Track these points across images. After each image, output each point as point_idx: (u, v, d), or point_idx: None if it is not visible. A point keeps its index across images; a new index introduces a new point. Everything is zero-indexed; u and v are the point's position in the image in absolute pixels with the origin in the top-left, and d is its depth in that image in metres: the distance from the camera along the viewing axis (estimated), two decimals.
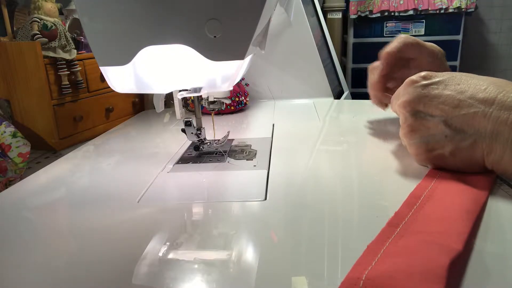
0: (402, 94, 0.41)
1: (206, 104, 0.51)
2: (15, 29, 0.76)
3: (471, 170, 0.39)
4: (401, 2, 1.99)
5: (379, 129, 0.60)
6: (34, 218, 0.38)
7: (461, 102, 0.36)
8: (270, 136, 0.60)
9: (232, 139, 0.58)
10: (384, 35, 2.10)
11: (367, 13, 2.05)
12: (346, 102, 0.88)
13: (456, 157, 0.38)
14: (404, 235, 0.29)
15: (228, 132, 0.55)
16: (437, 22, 2.04)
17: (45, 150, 0.68)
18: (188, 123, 0.48)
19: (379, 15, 2.04)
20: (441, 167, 0.41)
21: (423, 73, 0.40)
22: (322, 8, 2.05)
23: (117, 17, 0.36)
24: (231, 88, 0.43)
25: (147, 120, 0.78)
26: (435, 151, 0.40)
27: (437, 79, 0.39)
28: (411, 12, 2.00)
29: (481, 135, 0.36)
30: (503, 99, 0.35)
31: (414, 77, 0.41)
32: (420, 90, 0.39)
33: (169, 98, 0.73)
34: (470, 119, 0.36)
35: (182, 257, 0.29)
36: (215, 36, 0.36)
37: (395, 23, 2.08)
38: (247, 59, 0.42)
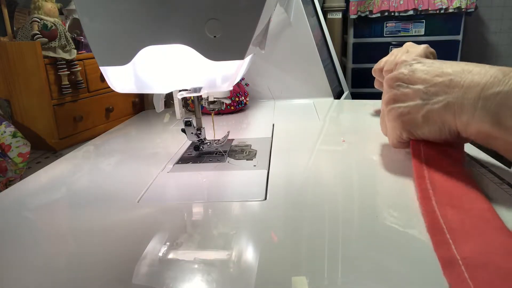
0: (392, 71, 0.46)
1: (206, 104, 0.51)
2: (15, 29, 0.76)
3: (443, 137, 0.42)
4: (401, 2, 1.99)
5: (379, 129, 0.60)
6: (34, 218, 0.38)
7: (443, 72, 0.40)
8: (270, 136, 0.60)
9: (232, 139, 0.58)
10: (384, 35, 2.10)
11: (367, 13, 2.05)
12: (346, 102, 0.88)
13: (429, 121, 0.41)
14: (446, 208, 0.32)
15: (228, 132, 0.55)
16: (437, 22, 2.03)
17: (45, 150, 0.68)
18: (188, 123, 0.48)
19: (379, 15, 2.04)
20: (414, 135, 0.43)
21: (412, 56, 0.48)
22: (322, 8, 2.05)
23: (117, 17, 0.36)
24: (231, 88, 0.43)
25: (147, 120, 0.78)
26: (410, 115, 0.42)
27: (423, 60, 0.45)
28: (411, 12, 2.00)
29: (453, 96, 0.39)
30: (480, 71, 0.39)
31: (404, 57, 0.48)
32: (407, 69, 0.44)
33: (169, 98, 0.73)
34: (447, 84, 0.39)
35: (182, 257, 0.29)
36: (215, 36, 0.36)
37: (395, 23, 2.07)
38: (247, 59, 0.42)
